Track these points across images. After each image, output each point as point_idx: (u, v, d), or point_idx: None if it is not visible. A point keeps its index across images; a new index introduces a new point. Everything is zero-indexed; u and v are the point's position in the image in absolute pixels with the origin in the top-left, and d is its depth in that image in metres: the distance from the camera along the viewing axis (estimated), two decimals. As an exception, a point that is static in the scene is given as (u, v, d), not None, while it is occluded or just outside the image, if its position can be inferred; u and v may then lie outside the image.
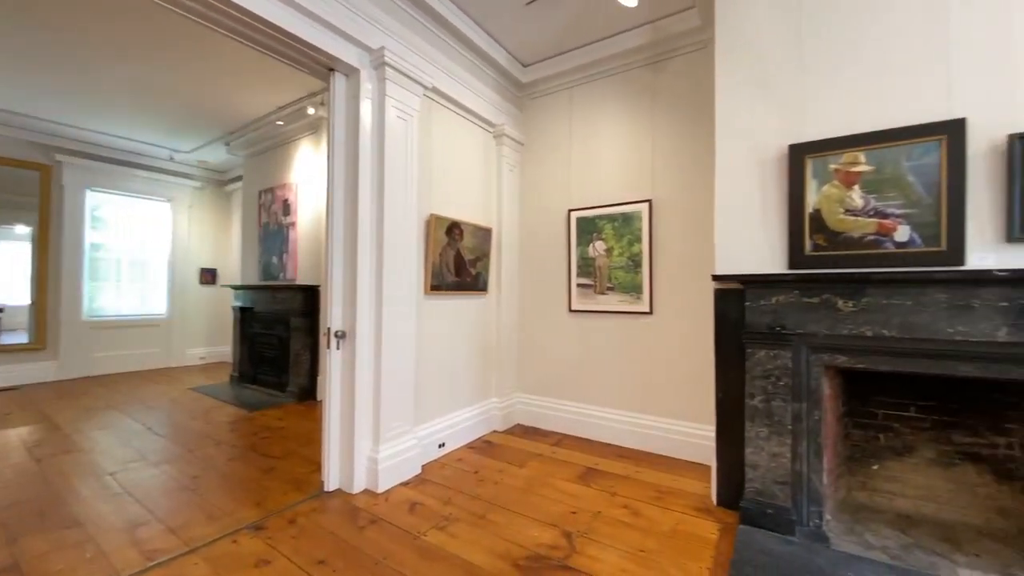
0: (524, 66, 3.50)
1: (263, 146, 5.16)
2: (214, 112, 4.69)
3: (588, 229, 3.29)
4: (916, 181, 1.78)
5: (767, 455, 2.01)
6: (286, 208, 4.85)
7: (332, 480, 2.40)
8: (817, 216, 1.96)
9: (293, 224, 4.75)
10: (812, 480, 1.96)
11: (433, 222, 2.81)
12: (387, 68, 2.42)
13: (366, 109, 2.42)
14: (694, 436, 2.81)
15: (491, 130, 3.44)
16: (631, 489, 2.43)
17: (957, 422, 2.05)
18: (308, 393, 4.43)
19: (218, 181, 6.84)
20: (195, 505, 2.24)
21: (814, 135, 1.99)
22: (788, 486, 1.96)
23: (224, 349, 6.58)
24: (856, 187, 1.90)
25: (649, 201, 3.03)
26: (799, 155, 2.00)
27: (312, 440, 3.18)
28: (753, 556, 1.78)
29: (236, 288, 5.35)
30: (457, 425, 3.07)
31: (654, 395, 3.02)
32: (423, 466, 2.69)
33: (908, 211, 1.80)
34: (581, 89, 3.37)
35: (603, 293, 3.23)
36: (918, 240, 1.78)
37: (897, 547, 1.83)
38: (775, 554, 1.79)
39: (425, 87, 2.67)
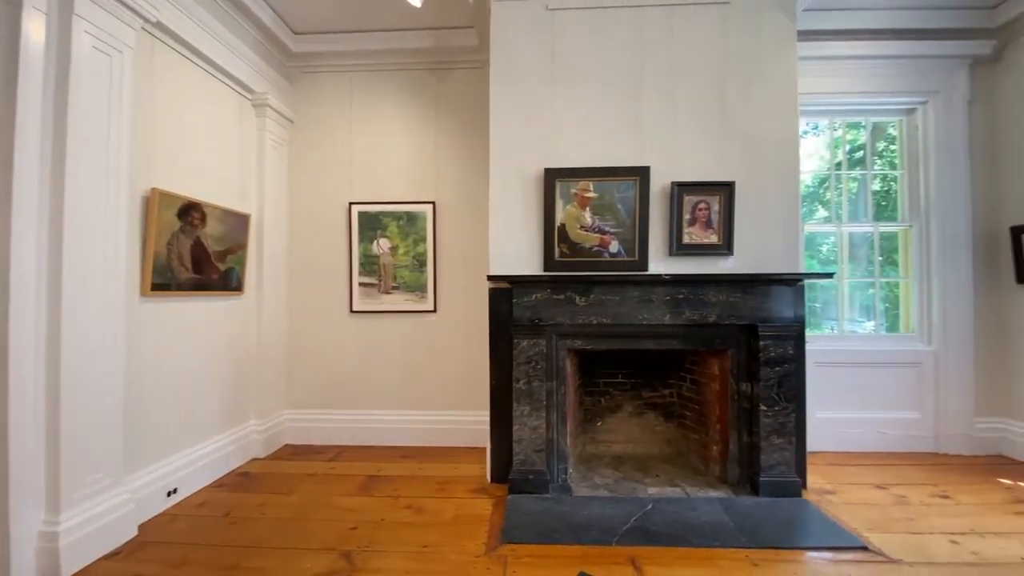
0: (295, 33, 3.06)
1: None
2: None
3: (372, 225, 3.14)
4: (622, 208, 2.40)
5: (529, 429, 2.34)
6: None
7: (-48, 588, 1.53)
8: (563, 229, 2.41)
9: None
10: (560, 443, 2.39)
11: (156, 199, 2.13)
12: (72, -28, 1.70)
13: (35, 23, 1.64)
14: (473, 423, 3.04)
15: (250, 97, 2.87)
16: (415, 487, 2.44)
17: (644, 382, 2.87)
18: None
19: None
20: None
21: (563, 163, 2.44)
22: (544, 452, 2.34)
23: None
24: (588, 209, 2.42)
25: (433, 203, 3.11)
26: (552, 178, 2.41)
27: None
28: (518, 519, 2.05)
29: None
30: (197, 462, 2.43)
31: (438, 391, 3.13)
32: (142, 525, 2.01)
33: (617, 230, 2.40)
34: (363, 77, 3.19)
35: (388, 292, 3.14)
36: (623, 252, 2.40)
37: (613, 482, 2.43)
38: (534, 512, 2.11)
39: (145, 18, 2.00)
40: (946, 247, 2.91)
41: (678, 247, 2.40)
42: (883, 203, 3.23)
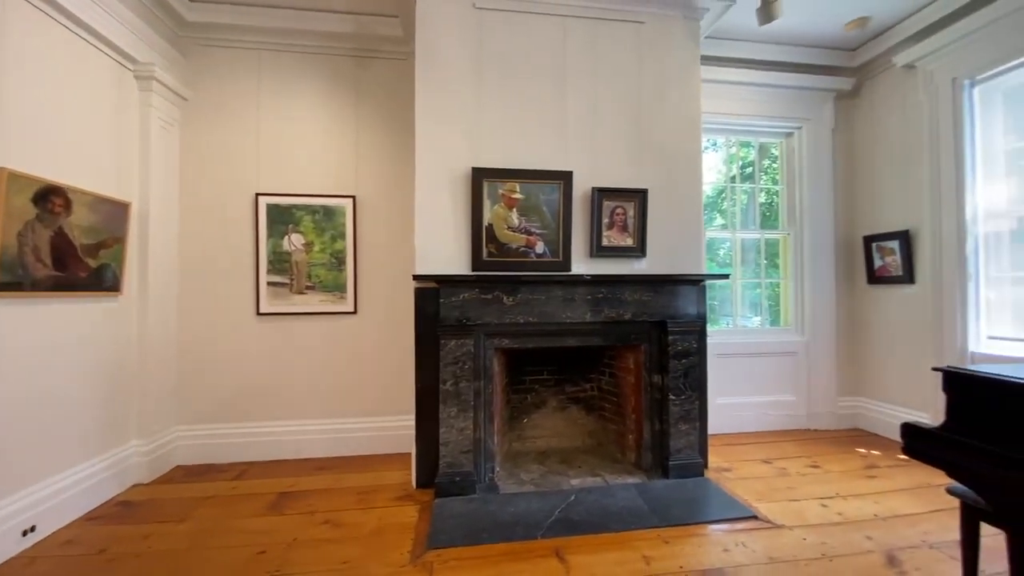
0: (191, 0, 2.72)
1: None
2: None
3: (283, 219, 2.89)
4: (547, 210, 2.47)
5: (456, 431, 2.32)
6: None
7: None
8: (490, 229, 2.42)
9: None
10: (487, 443, 2.40)
11: (4, 181, 1.76)
12: None
13: None
14: (397, 428, 2.93)
15: (132, 68, 2.49)
16: (333, 501, 2.29)
17: (567, 378, 2.98)
18: None
19: None
20: None
21: (489, 163, 2.45)
22: (471, 453, 2.33)
23: None
24: (514, 210, 2.45)
25: (354, 197, 2.95)
26: (479, 177, 2.40)
27: None
28: (445, 523, 2.01)
29: None
30: (62, 493, 2.05)
31: (358, 396, 2.97)
32: (-21, 576, 1.65)
33: (543, 231, 2.47)
34: (275, 56, 2.92)
35: (302, 293, 2.91)
36: (548, 252, 2.47)
37: (539, 477, 2.49)
38: (461, 514, 2.09)
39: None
40: (815, 253, 3.40)
41: (598, 249, 2.53)
42: (767, 214, 3.69)
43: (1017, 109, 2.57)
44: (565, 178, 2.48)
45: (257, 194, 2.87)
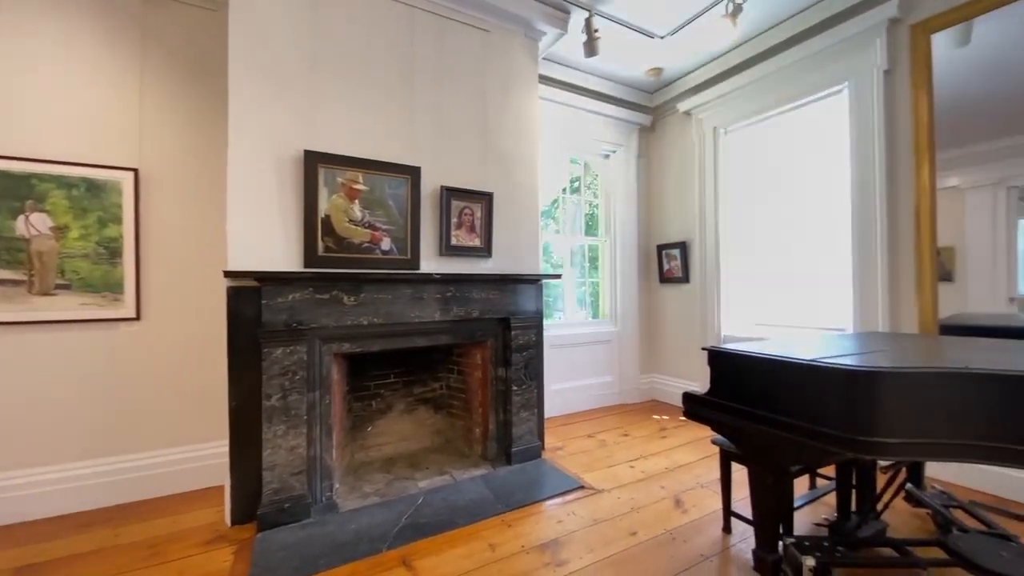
0: None
1: None
2: None
3: (13, 192, 2.08)
4: (394, 205, 2.36)
5: (285, 451, 2.03)
6: None
7: None
8: (328, 221, 2.19)
9: None
10: (324, 459, 2.17)
11: None
12: None
13: None
14: (204, 459, 2.42)
15: None
16: (107, 565, 1.75)
17: (416, 379, 2.92)
18: None
19: None
20: None
21: (326, 148, 2.20)
22: (304, 474, 2.07)
23: None
24: (357, 201, 2.27)
25: (136, 170, 2.30)
26: (313, 162, 2.15)
27: None
28: (270, 559, 1.74)
29: None
30: None
31: (143, 424, 2.33)
32: None
33: (389, 227, 2.35)
34: (-9, -39, 2.06)
35: (48, 294, 2.14)
36: (395, 250, 2.36)
37: (384, 486, 2.37)
38: (291, 544, 1.84)
39: None
40: (624, 257, 4.08)
41: (447, 248, 2.53)
42: (590, 223, 4.27)
43: (748, 152, 3.53)
44: (413, 173, 2.41)
45: (-39, 152, 1.99)
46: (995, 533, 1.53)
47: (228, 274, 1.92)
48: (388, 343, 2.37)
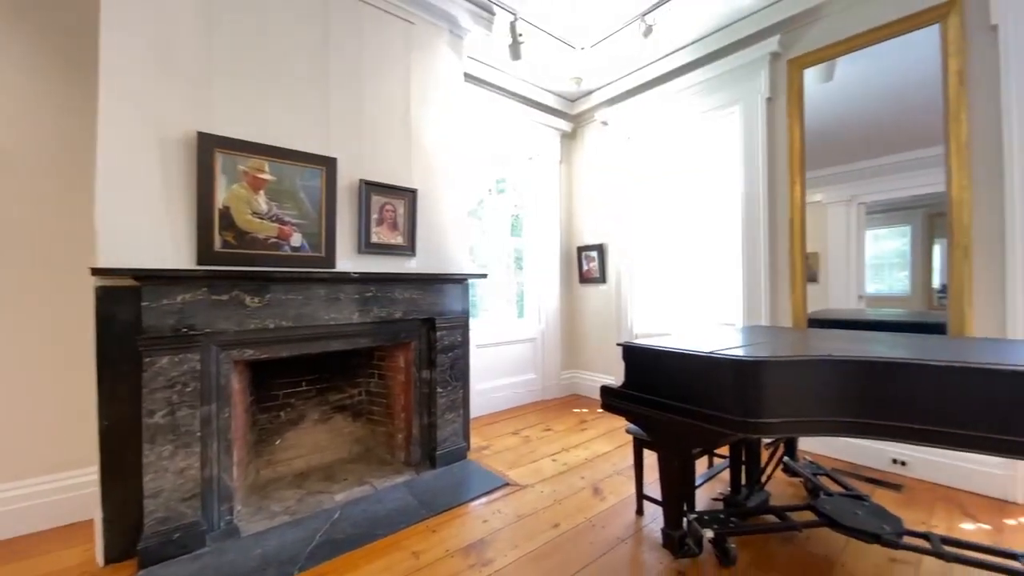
0: None
1: None
2: None
3: None
4: (306, 198, 2.18)
5: (173, 474, 1.77)
6: None
7: None
8: (227, 213, 1.96)
9: None
10: (223, 480, 1.94)
11: None
12: None
13: None
14: (63, 491, 2.03)
15: None
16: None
17: (331, 386, 2.73)
18: None
19: None
20: None
21: (225, 131, 1.97)
22: (198, 498, 1.83)
23: None
24: (262, 192, 2.06)
25: (-38, 144, 1.86)
26: (209, 146, 1.90)
27: None
28: (155, 600, 1.51)
29: None
30: None
31: (-23, 455, 1.90)
32: None
33: (300, 221, 2.17)
34: None
35: None
36: (307, 246, 2.19)
37: (295, 503, 2.18)
38: (183, 580, 1.62)
39: None
40: (548, 258, 4.20)
41: (367, 245, 2.40)
42: (515, 224, 4.34)
43: (658, 162, 3.82)
44: (329, 164, 2.24)
45: None
46: (852, 495, 1.83)
47: (97, 271, 1.63)
48: (299, 348, 2.18)
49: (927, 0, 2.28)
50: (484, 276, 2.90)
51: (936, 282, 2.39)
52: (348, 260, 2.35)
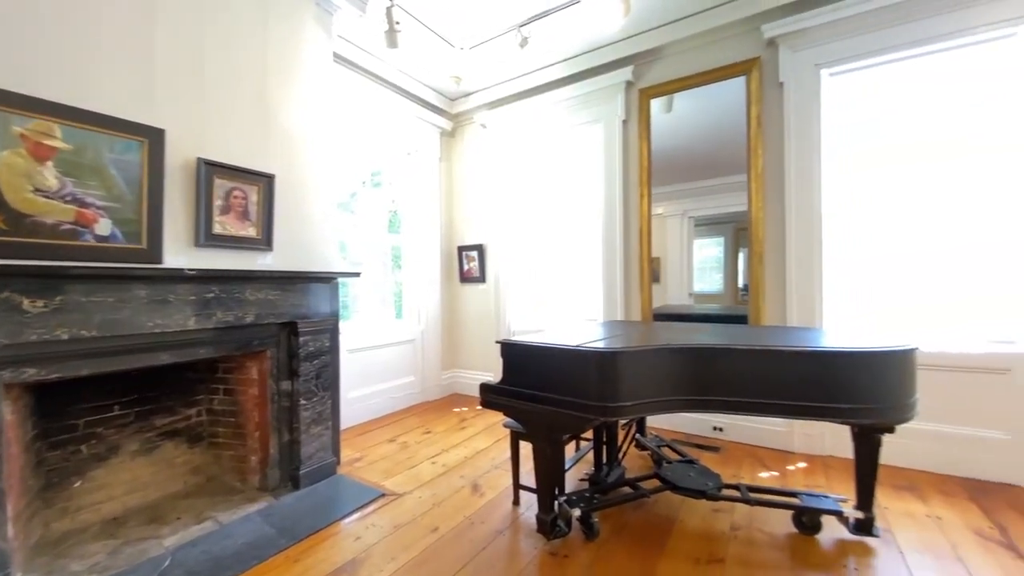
0: None
1: None
2: None
3: None
4: (119, 176, 1.75)
5: None
6: None
7: None
8: (-10, 188, 1.47)
9: None
10: (-17, 545, 1.44)
11: None
12: None
13: None
14: None
15: None
16: None
17: (157, 407, 2.25)
18: None
19: None
20: None
21: (-17, 77, 1.47)
22: (-63, 576, 1.33)
23: None
24: (50, 164, 1.59)
25: None
26: (-45, 94, 1.40)
27: None
28: None
29: None
30: None
31: None
32: None
33: (111, 204, 1.73)
34: None
35: None
36: (120, 236, 1.76)
37: (105, 556, 1.74)
38: None
39: None
40: (428, 256, 4.11)
41: (208, 237, 2.03)
42: (393, 221, 4.15)
43: (533, 167, 4.04)
44: (153, 136, 1.84)
45: None
46: (686, 460, 2.17)
47: None
48: (109, 363, 1.74)
49: (738, 55, 2.85)
50: (357, 275, 2.70)
51: (741, 282, 2.99)
52: (182, 255, 1.96)
